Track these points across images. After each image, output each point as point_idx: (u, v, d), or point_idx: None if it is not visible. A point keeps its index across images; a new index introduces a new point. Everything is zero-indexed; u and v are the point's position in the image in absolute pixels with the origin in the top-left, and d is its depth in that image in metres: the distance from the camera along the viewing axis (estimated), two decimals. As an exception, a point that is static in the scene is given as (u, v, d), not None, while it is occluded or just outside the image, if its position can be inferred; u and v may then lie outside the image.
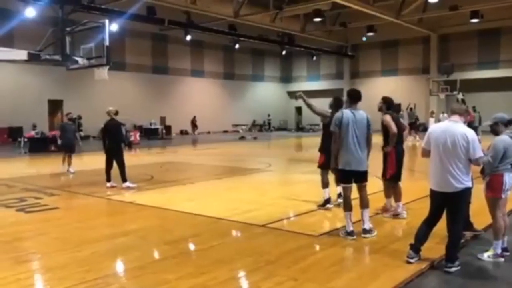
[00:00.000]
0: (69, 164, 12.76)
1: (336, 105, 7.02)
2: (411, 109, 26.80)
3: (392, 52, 37.04)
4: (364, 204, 5.96)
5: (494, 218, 5.07)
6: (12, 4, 21.45)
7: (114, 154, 10.11)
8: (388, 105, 6.95)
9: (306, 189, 9.84)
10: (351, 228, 5.79)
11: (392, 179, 6.90)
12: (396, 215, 6.88)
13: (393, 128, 6.65)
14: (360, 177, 5.95)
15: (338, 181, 6.51)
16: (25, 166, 16.12)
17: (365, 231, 5.84)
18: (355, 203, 5.97)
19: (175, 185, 10.60)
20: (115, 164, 10.13)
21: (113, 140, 10.22)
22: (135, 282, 4.49)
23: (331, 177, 7.07)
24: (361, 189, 6.01)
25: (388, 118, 6.76)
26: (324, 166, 7.28)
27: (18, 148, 20.48)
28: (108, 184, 10.08)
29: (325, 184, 7.46)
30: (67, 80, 25.72)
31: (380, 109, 6.99)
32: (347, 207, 5.87)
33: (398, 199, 6.94)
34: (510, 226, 5.34)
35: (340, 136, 5.84)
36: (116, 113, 10.33)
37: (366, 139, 5.92)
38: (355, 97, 5.98)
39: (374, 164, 7.18)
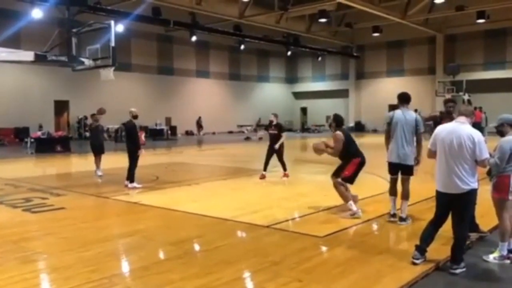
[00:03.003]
0: (98, 166, 12.31)
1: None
2: (415, 110, 26.97)
3: (398, 53, 36.95)
4: (404, 195, 6.62)
5: (500, 219, 5.05)
6: (19, 5, 21.58)
7: (128, 154, 10.27)
8: (337, 122, 7.20)
9: (311, 190, 9.84)
10: (394, 211, 6.64)
11: (345, 180, 7.08)
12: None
13: (338, 145, 7.02)
14: (405, 170, 6.61)
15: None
16: (31, 166, 16.21)
17: (401, 219, 6.53)
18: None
19: (180, 186, 10.62)
20: (138, 163, 10.37)
21: (128, 141, 10.38)
22: (140, 282, 4.51)
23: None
24: (404, 181, 6.67)
25: (339, 134, 7.05)
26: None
27: (25, 149, 20.63)
28: (130, 185, 10.12)
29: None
30: (73, 81, 25.87)
31: (330, 126, 7.37)
32: (392, 192, 6.71)
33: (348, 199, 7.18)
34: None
35: (390, 133, 6.59)
36: (135, 117, 10.36)
37: (416, 138, 6.57)
38: (405, 98, 6.70)
39: (375, 164, 7.22)
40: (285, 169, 11.42)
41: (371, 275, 4.61)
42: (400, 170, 6.64)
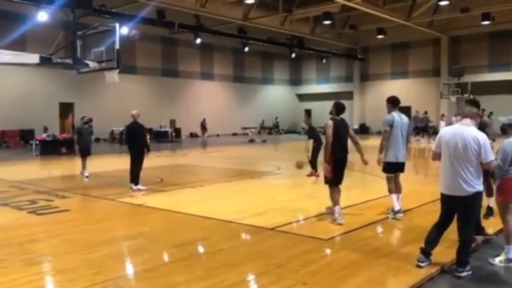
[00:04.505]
0: (84, 167, 12.57)
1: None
2: (426, 112, 27.96)
3: (402, 55, 36.84)
4: (400, 189, 7.15)
5: (504, 222, 5.02)
6: (24, 8, 21.68)
7: (135, 156, 10.21)
8: (337, 110, 7.01)
9: (316, 192, 9.82)
10: (398, 207, 6.98)
11: (329, 184, 6.90)
12: (333, 220, 6.78)
13: (329, 134, 6.74)
14: (401, 168, 7.16)
15: (385, 171, 7.21)
16: (36, 168, 16.27)
17: (398, 211, 6.98)
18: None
19: (185, 188, 10.63)
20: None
21: (135, 143, 10.31)
22: (144, 285, 4.51)
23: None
24: (397, 178, 7.18)
25: (330, 123, 6.80)
26: None
27: (30, 151, 20.69)
28: (134, 187, 10.10)
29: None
30: (78, 83, 25.95)
31: (330, 113, 7.09)
32: (393, 190, 7.08)
33: (334, 203, 6.85)
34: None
35: (390, 135, 6.96)
36: (138, 115, 10.42)
37: (407, 138, 7.14)
38: (397, 102, 7.19)
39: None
40: (313, 169, 11.73)
41: (376, 278, 4.59)
42: (398, 168, 7.13)
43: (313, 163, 11.77)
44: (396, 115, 7.04)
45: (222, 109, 36.63)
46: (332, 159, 6.75)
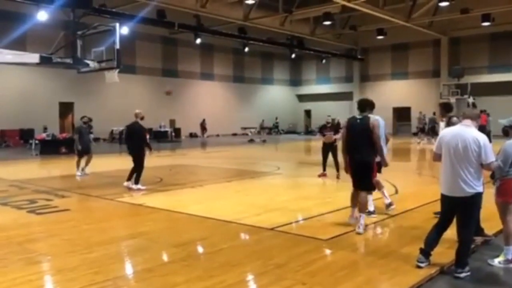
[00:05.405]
0: (87, 164, 12.67)
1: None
2: (434, 113, 27.93)
3: (402, 55, 36.85)
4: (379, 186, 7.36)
5: (504, 223, 5.02)
6: (25, 8, 21.68)
7: (134, 155, 10.23)
8: (360, 107, 6.72)
9: (315, 193, 9.83)
10: (373, 208, 7.19)
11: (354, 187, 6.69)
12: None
13: (342, 134, 6.85)
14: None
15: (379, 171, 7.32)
16: (36, 168, 16.28)
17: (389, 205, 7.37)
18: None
19: (184, 188, 10.63)
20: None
21: (135, 143, 10.33)
22: (144, 285, 4.51)
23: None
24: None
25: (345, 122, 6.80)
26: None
27: (29, 150, 20.71)
28: (135, 187, 10.12)
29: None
30: (78, 83, 25.96)
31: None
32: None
33: (360, 209, 6.45)
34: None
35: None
36: (142, 118, 10.42)
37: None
38: (372, 106, 7.03)
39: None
40: (338, 170, 11.26)
41: (375, 279, 4.60)
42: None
43: (337, 161, 11.42)
44: (377, 117, 7.05)
45: (222, 109, 36.64)
46: (347, 160, 6.61)
